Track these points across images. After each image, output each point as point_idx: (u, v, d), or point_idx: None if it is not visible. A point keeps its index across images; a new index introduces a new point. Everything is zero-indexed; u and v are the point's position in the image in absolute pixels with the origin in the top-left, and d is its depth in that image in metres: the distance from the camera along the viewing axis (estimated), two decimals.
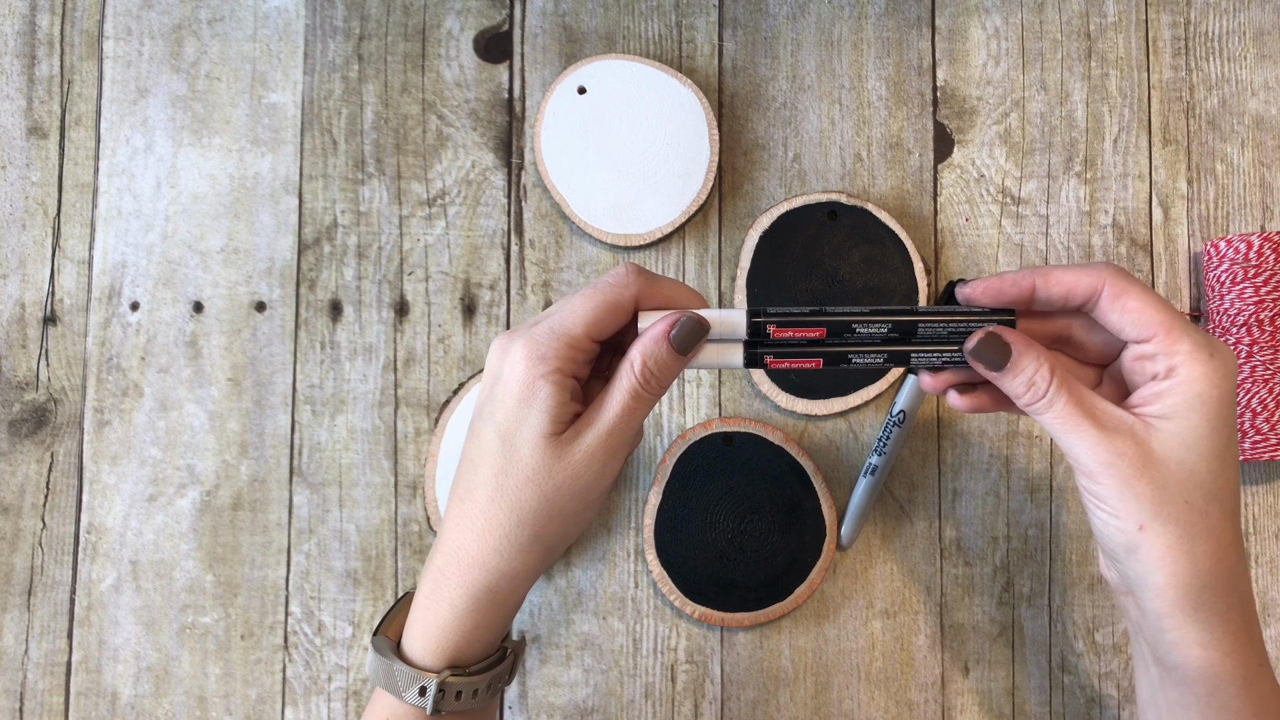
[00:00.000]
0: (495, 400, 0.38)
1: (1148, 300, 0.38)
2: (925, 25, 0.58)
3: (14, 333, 0.56)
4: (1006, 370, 0.38)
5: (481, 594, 0.39)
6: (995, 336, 0.39)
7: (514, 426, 0.38)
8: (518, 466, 0.38)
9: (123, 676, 0.54)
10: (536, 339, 0.38)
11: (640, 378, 0.38)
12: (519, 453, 0.38)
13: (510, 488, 0.38)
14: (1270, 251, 0.53)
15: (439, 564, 0.40)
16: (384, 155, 0.57)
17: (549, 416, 0.37)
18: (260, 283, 0.56)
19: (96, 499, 0.55)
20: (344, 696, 0.54)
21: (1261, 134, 0.57)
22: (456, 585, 0.39)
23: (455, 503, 0.40)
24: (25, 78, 0.57)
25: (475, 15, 0.58)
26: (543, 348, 0.37)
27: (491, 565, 0.39)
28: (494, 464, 0.38)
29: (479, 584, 0.39)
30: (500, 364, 0.38)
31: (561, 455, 0.38)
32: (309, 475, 0.55)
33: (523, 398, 0.37)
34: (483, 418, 0.39)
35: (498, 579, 0.39)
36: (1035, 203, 0.57)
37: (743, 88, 0.58)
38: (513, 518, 0.38)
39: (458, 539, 0.39)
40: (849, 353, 0.41)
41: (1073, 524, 0.55)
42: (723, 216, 0.57)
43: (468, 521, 0.39)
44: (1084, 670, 0.54)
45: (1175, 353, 0.37)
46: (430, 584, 0.40)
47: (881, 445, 0.54)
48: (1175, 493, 0.37)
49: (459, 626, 0.39)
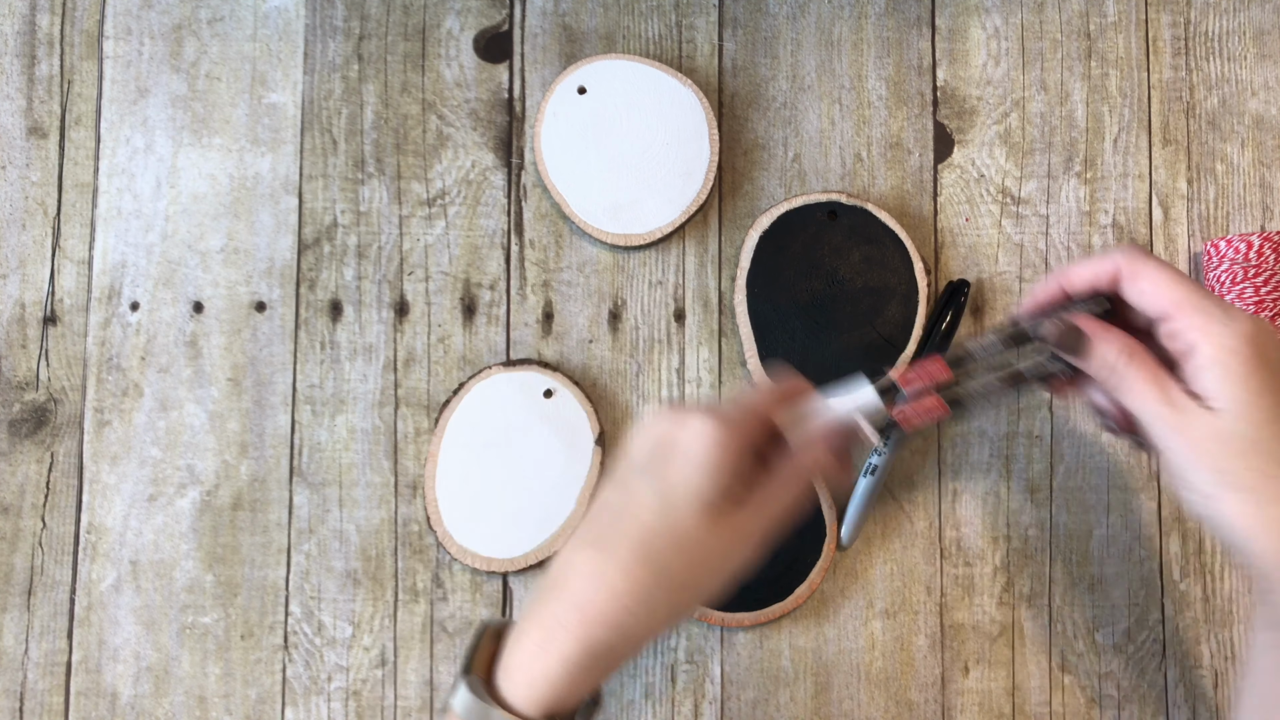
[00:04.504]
0: (664, 461, 0.38)
1: (1160, 278, 0.39)
2: (925, 25, 0.58)
3: (14, 333, 0.56)
4: (1088, 357, 0.40)
5: (601, 651, 0.37)
6: (1072, 326, 0.40)
7: (680, 491, 0.37)
8: (674, 531, 0.37)
9: (123, 676, 0.54)
10: (724, 413, 0.38)
11: (805, 468, 0.40)
12: (678, 517, 0.37)
13: (660, 549, 0.37)
14: (1270, 251, 0.53)
15: (557, 612, 0.37)
16: (384, 155, 0.57)
17: (719, 489, 0.37)
18: (260, 283, 0.56)
19: (96, 499, 0.55)
20: (344, 696, 0.54)
21: (1261, 134, 0.57)
22: (576, 639, 0.37)
23: (585, 550, 0.38)
24: (25, 78, 0.57)
25: (475, 15, 0.58)
26: (731, 421, 0.38)
27: (619, 624, 0.37)
28: (647, 523, 0.37)
29: (601, 641, 0.37)
30: (675, 429, 0.38)
31: (718, 529, 0.37)
32: (309, 475, 0.55)
33: (699, 465, 0.37)
34: (639, 473, 0.38)
35: (621, 639, 0.37)
36: (1035, 203, 0.57)
37: (743, 88, 0.58)
38: (655, 581, 0.37)
39: (587, 591, 0.37)
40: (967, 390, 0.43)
41: (1073, 524, 0.55)
42: (723, 216, 0.57)
43: (603, 575, 0.37)
44: (1084, 670, 0.54)
45: (1191, 328, 0.38)
46: (542, 631, 0.37)
47: (881, 445, 0.54)
48: (1241, 463, 0.37)
49: (568, 680, 0.37)
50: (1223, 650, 0.54)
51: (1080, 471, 0.55)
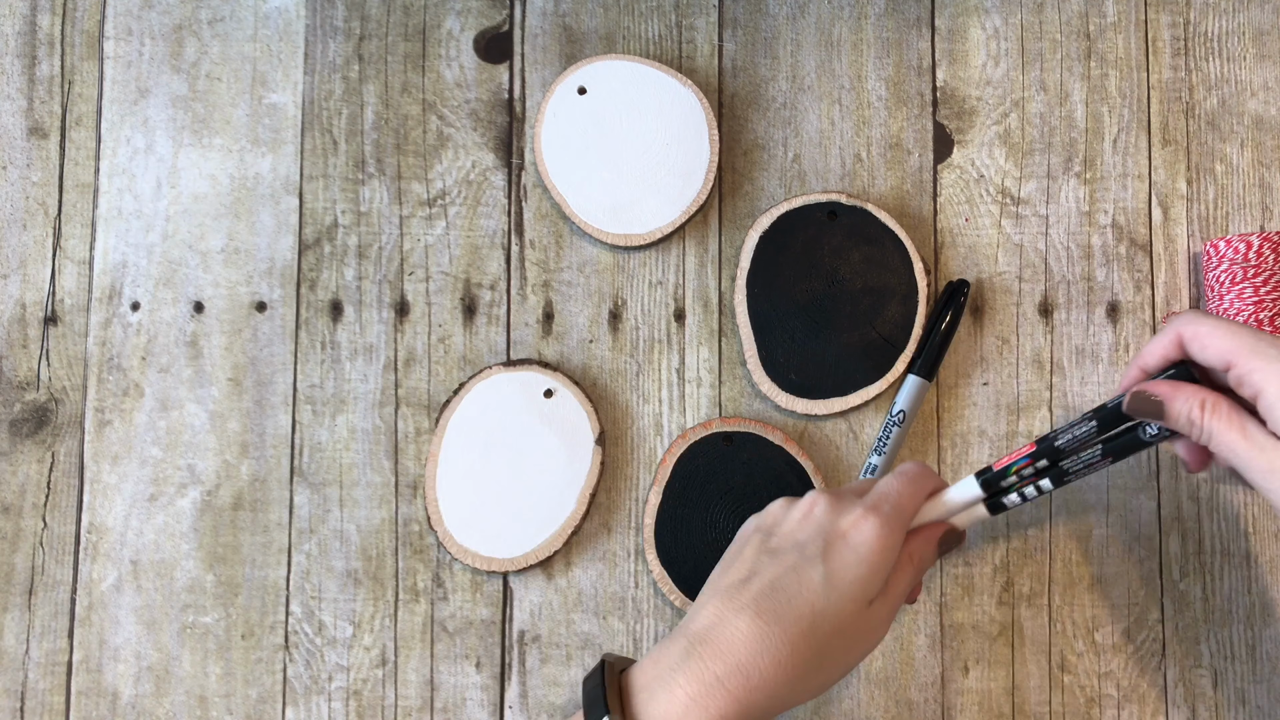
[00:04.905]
0: (832, 549, 0.42)
1: (1217, 331, 0.41)
2: (925, 25, 0.58)
3: (15, 333, 0.56)
4: (1166, 417, 0.42)
5: (755, 716, 0.40)
6: (1141, 393, 0.42)
7: (848, 581, 0.41)
8: (838, 616, 0.41)
9: (123, 676, 0.54)
10: (884, 514, 0.42)
11: (917, 569, 0.44)
12: (844, 605, 0.41)
13: (824, 633, 0.40)
14: (1270, 251, 0.53)
15: (718, 672, 0.39)
16: (384, 155, 0.57)
17: (879, 585, 0.41)
18: (261, 283, 0.56)
19: (97, 499, 0.55)
20: (344, 696, 0.54)
21: (1261, 134, 0.57)
22: (736, 701, 0.39)
23: (752, 618, 0.40)
24: (26, 78, 0.57)
25: (475, 15, 0.58)
26: (891, 524, 0.42)
27: (779, 694, 0.40)
28: (815, 604, 0.40)
29: (758, 707, 0.39)
30: (837, 518, 0.43)
31: (869, 619, 0.42)
32: (309, 475, 0.55)
33: (868, 561, 0.41)
34: (807, 557, 0.42)
35: (776, 707, 0.40)
36: (1035, 203, 0.57)
37: (743, 88, 0.58)
38: (814, 661, 0.40)
39: (754, 658, 0.39)
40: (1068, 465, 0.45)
41: (1073, 524, 0.55)
42: (723, 216, 0.57)
43: (772, 646, 0.40)
44: (1084, 670, 0.54)
45: (1253, 371, 0.40)
46: (699, 687, 0.39)
47: (881, 445, 0.54)
48: None
49: None
50: (1222, 650, 0.54)
51: None
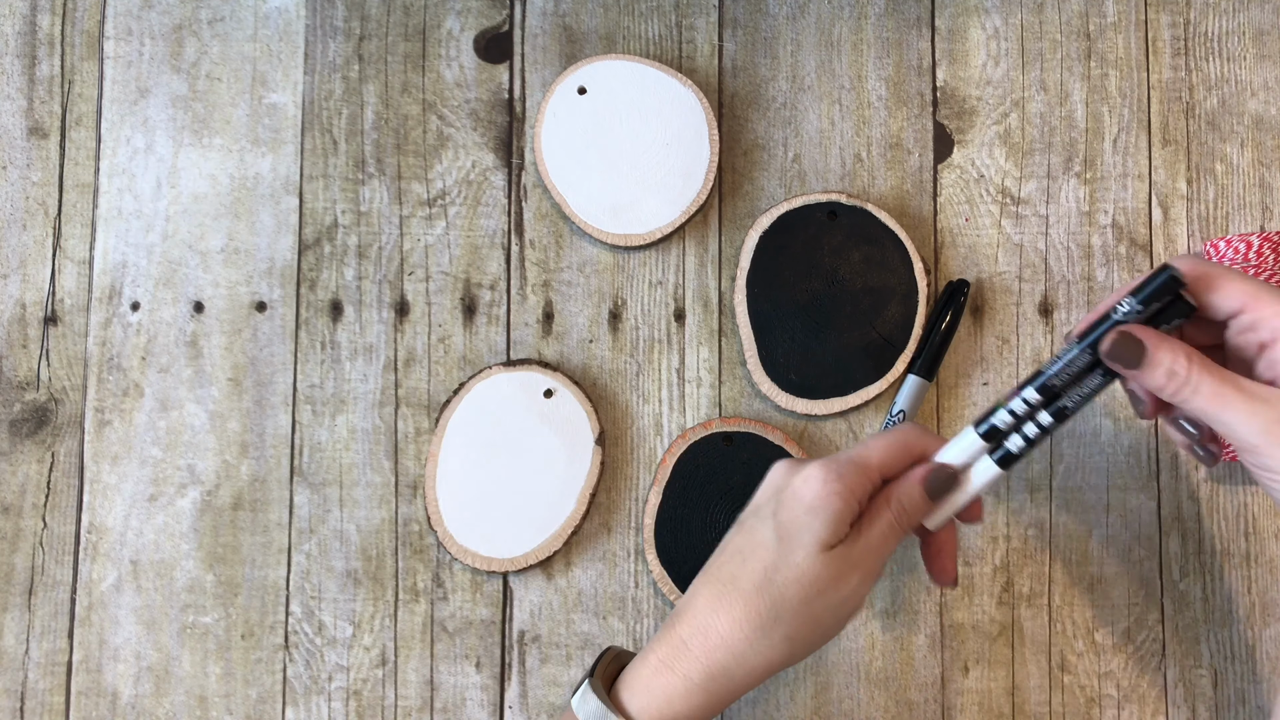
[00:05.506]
0: (780, 504, 0.42)
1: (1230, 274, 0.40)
2: (925, 25, 0.58)
3: (15, 333, 0.56)
4: (1144, 366, 0.39)
5: (718, 674, 0.40)
6: (1128, 335, 0.40)
7: (796, 531, 0.41)
8: (790, 566, 0.40)
9: (123, 676, 0.54)
10: (834, 462, 0.42)
11: (896, 514, 0.42)
12: (794, 555, 0.40)
13: (778, 583, 0.40)
14: (1270, 251, 0.53)
15: (682, 634, 0.41)
16: (384, 155, 0.57)
17: (830, 529, 0.40)
18: (261, 283, 0.56)
19: (97, 499, 0.55)
20: (344, 696, 0.54)
21: (1261, 134, 0.57)
22: (697, 660, 0.40)
23: (712, 585, 0.42)
24: (26, 78, 0.57)
25: (475, 15, 0.58)
26: (840, 469, 0.41)
27: (738, 650, 0.40)
28: (766, 559, 0.41)
29: (719, 664, 0.40)
30: (789, 477, 0.42)
31: (829, 566, 0.41)
32: (309, 475, 0.55)
33: (811, 508, 0.41)
34: (760, 517, 0.42)
35: (738, 664, 0.40)
36: (1035, 203, 0.57)
37: (743, 88, 0.58)
38: (772, 611, 0.40)
39: (710, 618, 0.41)
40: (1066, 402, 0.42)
41: (1073, 524, 0.55)
42: (723, 216, 0.57)
43: (726, 604, 0.41)
44: (1084, 670, 0.54)
45: (1274, 315, 0.38)
46: (668, 650, 0.41)
47: None
48: None
49: (685, 699, 0.40)
50: (1222, 650, 0.54)
51: (1080, 471, 0.55)
